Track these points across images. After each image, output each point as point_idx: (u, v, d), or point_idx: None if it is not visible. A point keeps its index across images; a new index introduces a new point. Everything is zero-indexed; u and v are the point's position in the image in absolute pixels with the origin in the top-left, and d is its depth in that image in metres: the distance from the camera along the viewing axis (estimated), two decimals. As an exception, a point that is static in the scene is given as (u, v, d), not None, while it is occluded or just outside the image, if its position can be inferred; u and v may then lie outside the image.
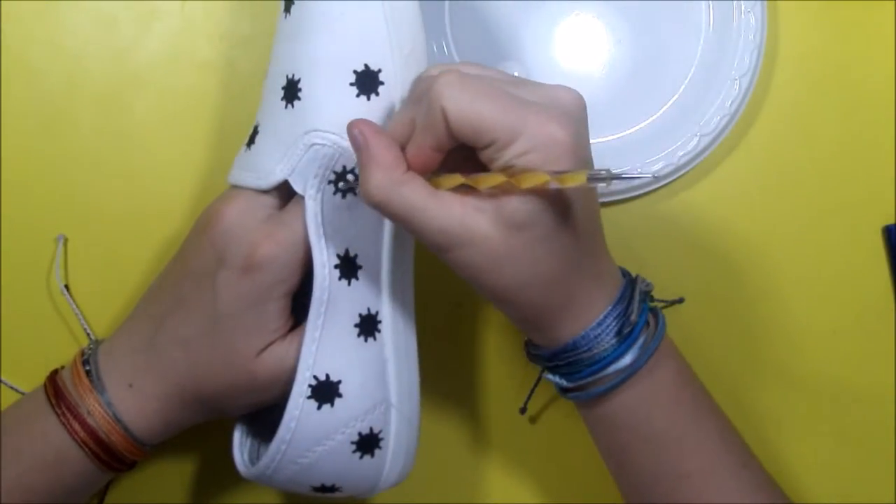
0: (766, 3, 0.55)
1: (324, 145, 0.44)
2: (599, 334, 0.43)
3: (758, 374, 0.56)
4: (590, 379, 0.44)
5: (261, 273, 0.43)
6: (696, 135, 0.54)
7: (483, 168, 0.40)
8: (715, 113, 0.54)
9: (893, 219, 0.56)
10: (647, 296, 0.45)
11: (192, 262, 0.45)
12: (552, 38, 0.56)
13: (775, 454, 0.55)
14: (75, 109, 0.55)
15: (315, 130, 0.44)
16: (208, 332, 0.44)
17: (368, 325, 0.45)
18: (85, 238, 0.54)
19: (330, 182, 0.44)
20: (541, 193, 0.39)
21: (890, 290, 0.56)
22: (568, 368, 0.44)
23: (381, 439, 0.46)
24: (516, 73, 0.55)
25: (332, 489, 0.46)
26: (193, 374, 0.44)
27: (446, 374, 0.55)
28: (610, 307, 0.43)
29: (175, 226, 0.54)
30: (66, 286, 0.53)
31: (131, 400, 0.45)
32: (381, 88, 0.44)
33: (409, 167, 0.41)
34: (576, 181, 0.38)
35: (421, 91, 0.41)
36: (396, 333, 0.46)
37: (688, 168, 0.55)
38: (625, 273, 0.46)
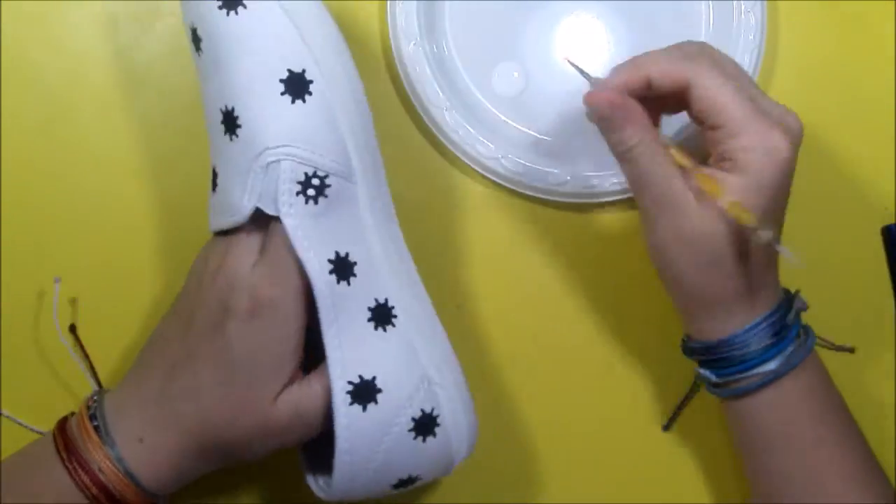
0: (766, 3, 0.55)
1: (279, 160, 0.44)
2: (751, 338, 0.46)
3: (758, 374, 0.56)
4: (737, 377, 0.47)
5: (267, 316, 0.44)
6: None
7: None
8: None
9: (893, 219, 0.56)
10: (799, 312, 0.48)
11: (197, 314, 0.45)
12: (552, 39, 0.56)
13: (775, 454, 0.55)
14: (75, 109, 0.55)
15: (266, 149, 0.44)
16: (223, 382, 0.44)
17: (382, 315, 0.45)
18: (85, 238, 0.54)
19: (298, 193, 0.44)
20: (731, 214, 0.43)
21: (890, 290, 0.56)
22: (718, 364, 0.47)
23: (437, 416, 0.46)
24: (515, 74, 0.55)
25: (412, 480, 0.46)
26: (207, 424, 0.44)
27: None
28: (765, 314, 0.46)
29: (175, 225, 0.54)
30: (73, 325, 0.53)
31: (143, 454, 0.44)
32: (311, 87, 0.44)
33: (612, 79, 0.46)
34: (736, 213, 0.43)
35: (685, 50, 0.45)
36: (413, 314, 0.46)
37: None
38: (786, 291, 0.49)
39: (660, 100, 0.46)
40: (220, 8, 0.44)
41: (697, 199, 0.44)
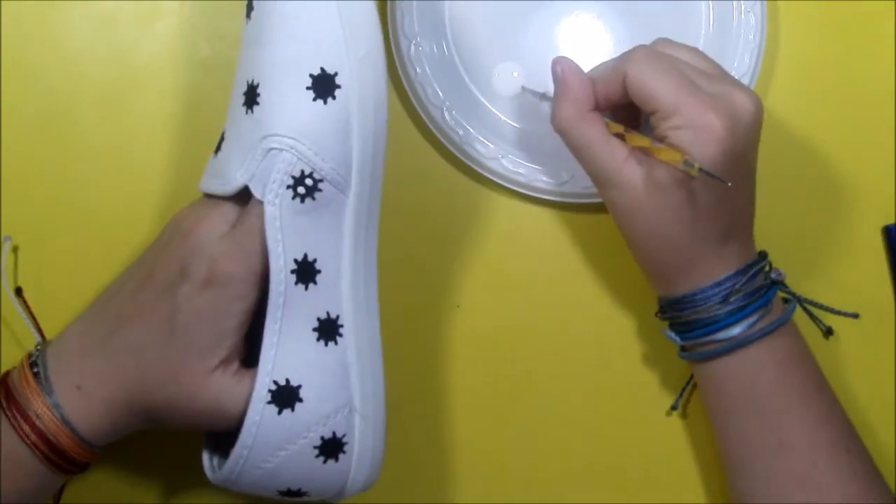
0: (766, 3, 0.55)
1: (281, 150, 0.44)
2: (709, 297, 0.47)
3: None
4: (701, 340, 0.48)
5: (220, 289, 0.44)
6: None
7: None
8: None
9: (893, 219, 0.56)
10: (775, 283, 0.49)
11: (157, 271, 0.45)
12: (552, 39, 0.56)
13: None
14: (75, 109, 0.54)
15: (273, 135, 0.44)
16: (164, 344, 0.44)
17: (328, 330, 0.45)
18: (84, 237, 0.54)
19: (289, 187, 0.44)
20: (675, 169, 0.44)
21: (890, 290, 0.56)
22: (683, 327, 0.49)
23: (346, 444, 0.46)
24: (515, 74, 0.55)
25: (299, 493, 0.46)
26: (142, 382, 0.44)
27: (444, 372, 0.55)
28: (729, 274, 0.47)
29: (175, 225, 0.54)
30: (19, 289, 0.53)
31: (79, 402, 0.44)
32: (337, 92, 0.44)
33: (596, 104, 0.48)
34: (697, 171, 0.44)
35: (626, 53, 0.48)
36: (359, 338, 0.46)
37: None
38: (763, 257, 0.50)
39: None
40: None
41: (628, 163, 0.47)
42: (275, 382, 0.44)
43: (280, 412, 0.44)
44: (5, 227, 0.54)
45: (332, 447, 0.45)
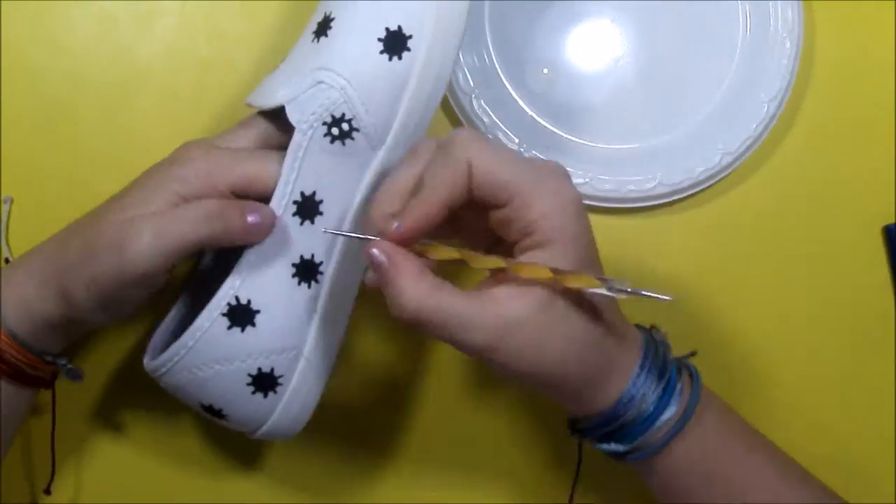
0: (802, 7, 0.55)
1: (331, 87, 0.44)
2: (639, 389, 0.43)
3: (757, 374, 0.56)
4: (645, 437, 0.44)
5: (175, 165, 0.45)
6: (719, 152, 0.54)
7: (471, 236, 0.43)
8: (740, 133, 0.54)
9: (893, 219, 0.56)
10: (666, 345, 0.46)
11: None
12: (583, 46, 0.56)
13: (775, 454, 0.55)
14: (75, 109, 0.54)
15: (329, 70, 0.44)
16: (96, 216, 0.45)
17: (307, 272, 0.45)
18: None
19: (325, 123, 0.44)
20: (544, 281, 0.39)
21: (890, 290, 0.56)
22: (620, 433, 0.44)
23: (280, 385, 0.45)
24: (545, 71, 0.55)
25: (219, 414, 0.46)
26: (57, 250, 0.45)
27: (448, 372, 0.55)
28: (640, 361, 0.43)
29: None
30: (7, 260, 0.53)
31: (13, 308, 0.45)
32: (405, 54, 0.44)
33: (409, 229, 0.40)
34: (580, 283, 0.39)
35: (435, 149, 0.41)
36: (333, 290, 0.46)
37: (707, 185, 0.55)
38: (639, 327, 0.46)
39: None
40: None
41: (511, 299, 0.40)
42: (236, 298, 0.44)
43: (230, 328, 0.44)
44: (12, 232, 0.54)
45: (265, 382, 0.45)
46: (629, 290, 0.39)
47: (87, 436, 0.54)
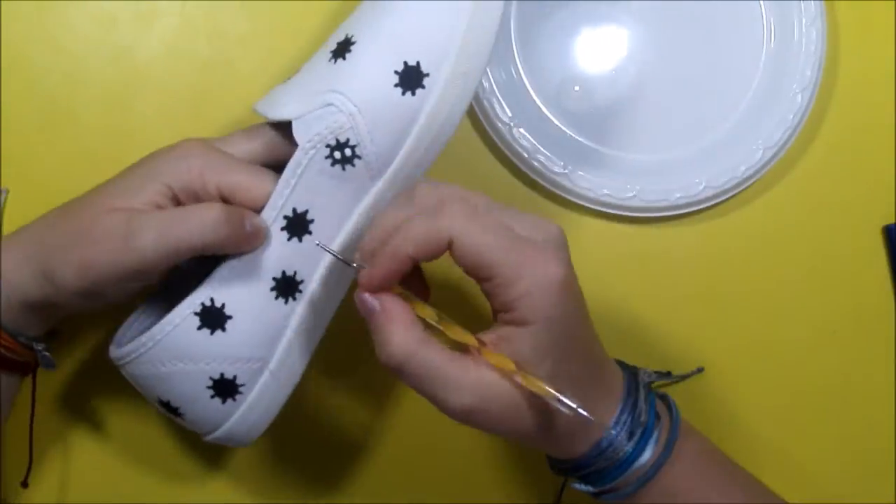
0: (825, 16, 0.55)
1: (340, 111, 0.44)
2: (614, 440, 0.43)
3: (757, 374, 0.56)
4: (618, 481, 0.43)
5: (172, 155, 0.44)
6: (759, 147, 0.55)
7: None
8: (777, 126, 0.55)
9: (893, 219, 0.56)
10: (650, 388, 0.45)
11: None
12: (612, 59, 0.56)
13: (775, 453, 0.55)
14: (75, 109, 0.54)
15: (340, 93, 0.44)
16: (79, 202, 0.45)
17: (287, 288, 0.45)
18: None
19: (328, 146, 0.44)
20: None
21: (890, 290, 0.56)
22: (595, 476, 0.44)
23: (240, 393, 0.46)
24: (576, 88, 0.55)
25: (176, 412, 0.46)
26: (43, 230, 0.45)
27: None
28: (618, 411, 0.43)
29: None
30: None
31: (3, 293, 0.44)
32: (418, 91, 0.44)
33: (370, 274, 0.40)
34: (534, 388, 0.39)
35: (427, 204, 0.41)
36: (310, 311, 0.46)
37: (749, 182, 0.55)
38: (624, 366, 0.46)
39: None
40: None
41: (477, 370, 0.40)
42: (211, 300, 0.44)
43: (199, 328, 0.44)
44: (6, 227, 0.54)
45: (226, 388, 0.45)
46: (577, 406, 0.39)
47: (61, 428, 0.54)
